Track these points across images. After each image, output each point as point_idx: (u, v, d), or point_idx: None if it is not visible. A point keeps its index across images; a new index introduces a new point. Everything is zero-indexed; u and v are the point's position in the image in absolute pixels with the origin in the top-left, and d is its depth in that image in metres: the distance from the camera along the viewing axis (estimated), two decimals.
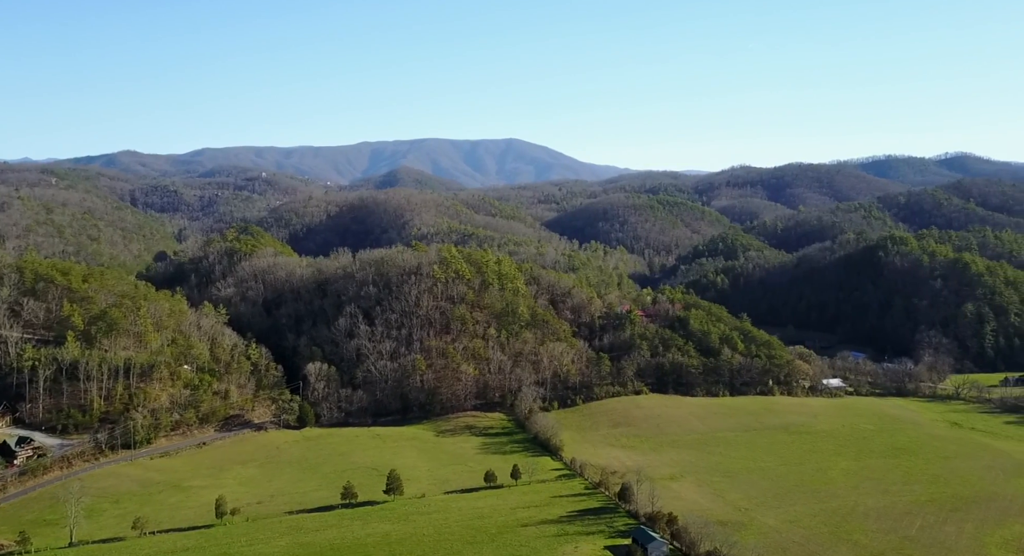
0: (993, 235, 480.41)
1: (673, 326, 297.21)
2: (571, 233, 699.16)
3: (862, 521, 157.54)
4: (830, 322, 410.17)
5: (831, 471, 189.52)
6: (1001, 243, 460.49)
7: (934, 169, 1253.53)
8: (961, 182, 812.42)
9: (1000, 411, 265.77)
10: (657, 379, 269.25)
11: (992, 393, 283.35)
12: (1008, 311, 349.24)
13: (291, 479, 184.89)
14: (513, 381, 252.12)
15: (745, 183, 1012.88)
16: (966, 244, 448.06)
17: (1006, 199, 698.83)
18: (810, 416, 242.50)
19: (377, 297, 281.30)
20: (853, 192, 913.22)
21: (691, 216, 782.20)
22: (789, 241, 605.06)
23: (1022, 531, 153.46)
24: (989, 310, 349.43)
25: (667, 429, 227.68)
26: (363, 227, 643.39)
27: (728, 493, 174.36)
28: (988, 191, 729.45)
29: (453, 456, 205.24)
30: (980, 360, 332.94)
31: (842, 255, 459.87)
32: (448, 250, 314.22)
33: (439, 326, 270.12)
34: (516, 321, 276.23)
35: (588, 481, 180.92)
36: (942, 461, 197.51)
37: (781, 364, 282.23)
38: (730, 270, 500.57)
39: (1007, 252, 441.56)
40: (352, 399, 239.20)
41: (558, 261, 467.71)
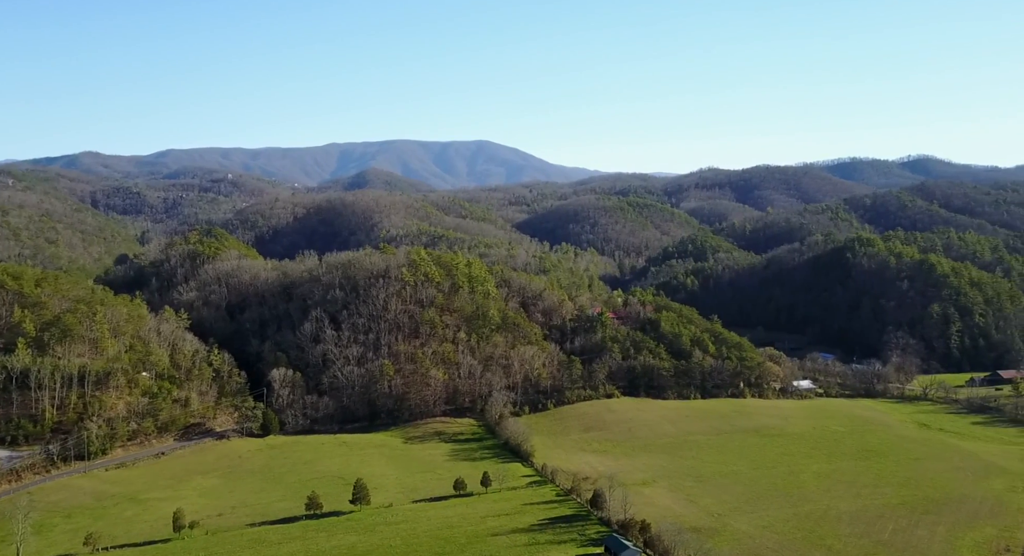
0: (957, 236, 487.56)
1: (644, 328, 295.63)
2: (542, 235, 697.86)
3: (835, 525, 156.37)
4: (799, 323, 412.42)
5: (803, 474, 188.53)
6: (965, 244, 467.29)
7: (897, 171, 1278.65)
8: (925, 184, 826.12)
9: (967, 412, 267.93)
10: (629, 382, 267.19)
11: (959, 393, 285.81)
12: (973, 312, 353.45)
13: (254, 489, 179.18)
14: (483, 386, 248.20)
15: (713, 185, 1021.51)
16: (931, 245, 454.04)
17: (968, 201, 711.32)
18: (781, 418, 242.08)
19: (344, 301, 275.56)
20: (820, 194, 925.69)
21: (661, 218, 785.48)
22: (758, 242, 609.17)
23: (993, 533, 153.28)
24: (955, 311, 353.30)
25: (639, 433, 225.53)
26: (331, 229, 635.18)
27: (701, 498, 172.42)
28: (951, 193, 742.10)
29: (422, 463, 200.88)
30: (946, 360, 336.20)
31: (810, 256, 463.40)
32: (417, 252, 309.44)
33: (408, 330, 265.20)
34: (487, 324, 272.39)
35: (560, 488, 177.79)
36: (912, 463, 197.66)
37: (752, 366, 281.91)
38: (700, 271, 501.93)
39: (971, 253, 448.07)
40: (318, 406, 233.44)
41: (529, 263, 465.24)
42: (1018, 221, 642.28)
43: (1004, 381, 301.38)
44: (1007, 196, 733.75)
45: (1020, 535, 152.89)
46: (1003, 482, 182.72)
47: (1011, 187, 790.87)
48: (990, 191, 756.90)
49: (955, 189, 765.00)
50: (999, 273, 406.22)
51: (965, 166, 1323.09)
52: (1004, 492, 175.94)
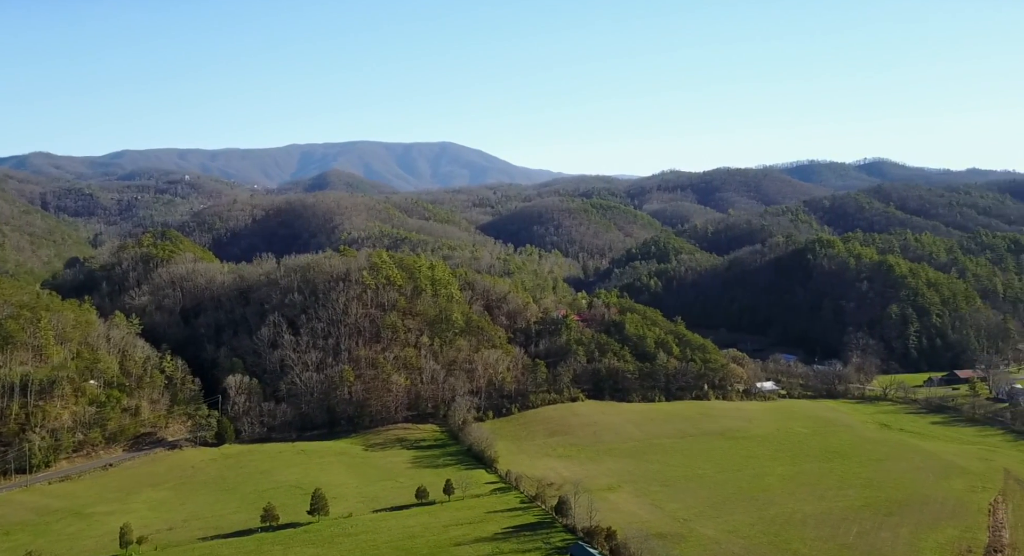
0: (914, 238, 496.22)
1: (609, 331, 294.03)
2: (506, 237, 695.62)
3: (800, 529, 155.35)
4: (761, 324, 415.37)
5: (768, 477, 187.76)
6: (921, 245, 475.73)
7: (854, 174, 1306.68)
8: (881, 186, 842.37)
9: (926, 411, 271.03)
10: (594, 385, 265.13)
11: (917, 393, 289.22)
12: (930, 312, 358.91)
13: (207, 501, 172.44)
14: (446, 391, 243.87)
15: (675, 187, 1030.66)
16: (889, 246, 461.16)
17: (923, 203, 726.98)
18: (745, 420, 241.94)
19: (303, 305, 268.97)
20: (780, 196, 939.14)
21: (624, 220, 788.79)
22: (719, 244, 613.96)
23: (955, 534, 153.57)
24: (912, 311, 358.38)
25: (604, 437, 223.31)
26: (291, 231, 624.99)
27: (666, 503, 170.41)
28: (907, 195, 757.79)
29: (383, 471, 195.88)
30: (905, 361, 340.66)
31: (772, 258, 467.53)
32: (379, 255, 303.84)
33: (369, 335, 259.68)
34: (450, 328, 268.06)
35: (524, 494, 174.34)
36: (874, 464, 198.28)
37: (716, 368, 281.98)
38: (663, 273, 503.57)
39: (927, 254, 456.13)
40: (275, 413, 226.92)
41: (493, 265, 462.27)
42: (970, 223, 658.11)
43: (961, 381, 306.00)
44: (960, 198, 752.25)
45: (981, 536, 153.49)
46: (963, 482, 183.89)
47: (963, 189, 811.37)
48: (944, 193, 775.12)
49: (910, 191, 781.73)
50: (954, 274, 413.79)
51: (918, 169, 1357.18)
52: (965, 492, 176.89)
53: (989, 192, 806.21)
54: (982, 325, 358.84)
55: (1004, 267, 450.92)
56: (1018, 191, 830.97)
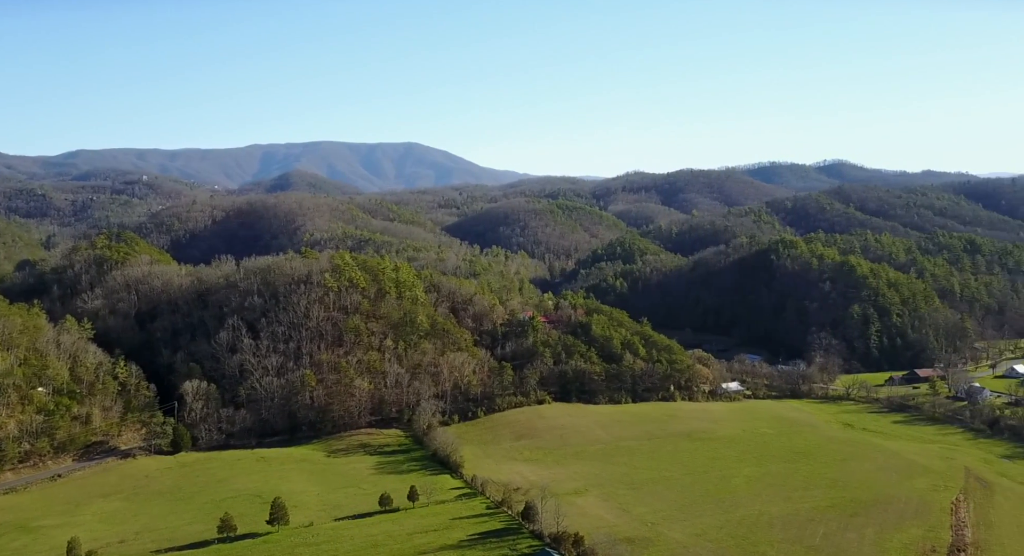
0: (874, 238, 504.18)
1: (576, 332, 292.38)
2: (472, 238, 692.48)
3: (767, 531, 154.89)
4: (726, 325, 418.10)
5: (734, 479, 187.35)
6: (881, 246, 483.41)
7: (814, 175, 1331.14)
8: (842, 188, 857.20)
9: (888, 410, 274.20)
10: (560, 387, 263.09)
11: (879, 392, 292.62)
12: (891, 312, 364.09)
13: (161, 512, 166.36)
14: (411, 395, 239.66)
15: (640, 188, 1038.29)
16: (850, 247, 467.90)
17: (882, 204, 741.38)
18: (712, 422, 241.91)
19: (263, 308, 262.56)
20: (742, 197, 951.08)
21: (590, 220, 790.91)
22: (684, 245, 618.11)
23: (919, 534, 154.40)
24: (874, 311, 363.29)
25: (571, 440, 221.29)
26: (252, 233, 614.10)
27: (634, 507, 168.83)
28: (866, 196, 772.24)
29: (345, 478, 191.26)
30: (866, 360, 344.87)
31: (736, 258, 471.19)
32: (341, 257, 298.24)
33: (331, 338, 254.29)
34: (415, 331, 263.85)
35: (490, 500, 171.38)
36: (839, 464, 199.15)
37: (682, 369, 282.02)
38: (629, 274, 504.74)
39: (887, 254, 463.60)
40: (234, 419, 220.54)
41: (459, 267, 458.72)
42: (927, 223, 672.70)
43: (921, 380, 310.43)
44: (917, 199, 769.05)
45: (945, 535, 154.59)
46: (926, 481, 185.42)
47: (920, 191, 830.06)
48: (901, 194, 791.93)
49: (870, 193, 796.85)
50: (913, 274, 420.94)
51: (876, 170, 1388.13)
52: (927, 491, 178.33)
53: (944, 193, 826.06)
54: (940, 324, 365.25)
55: (960, 267, 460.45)
56: (972, 193, 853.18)
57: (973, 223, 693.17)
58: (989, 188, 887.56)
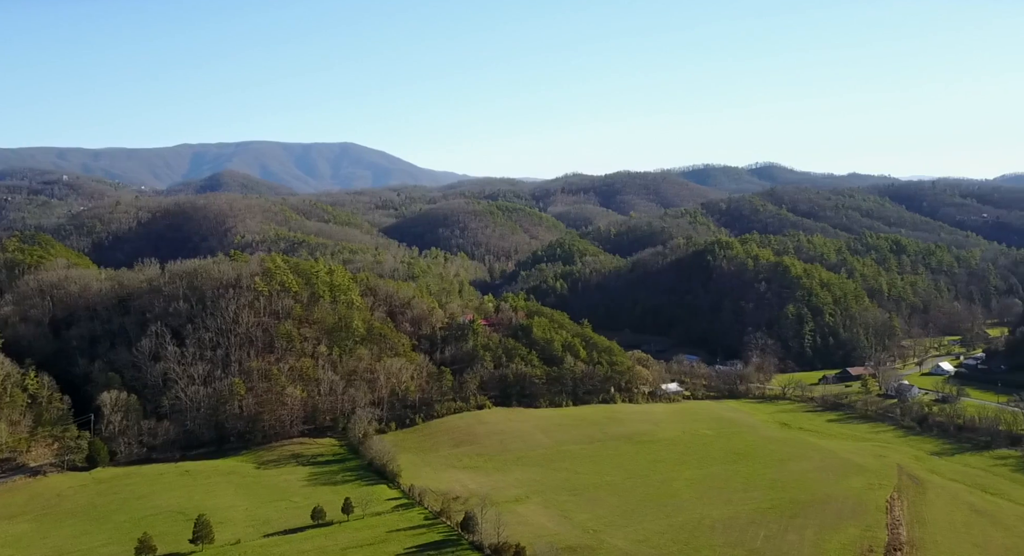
0: (806, 239, 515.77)
1: (516, 335, 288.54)
2: (411, 240, 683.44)
3: (709, 535, 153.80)
4: (664, 325, 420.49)
5: (676, 482, 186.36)
6: (813, 247, 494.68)
7: (747, 177, 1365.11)
8: (774, 190, 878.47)
9: (822, 409, 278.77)
10: (501, 392, 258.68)
11: (814, 391, 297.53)
12: (823, 312, 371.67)
13: (73, 533, 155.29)
14: (346, 402, 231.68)
15: (579, 190, 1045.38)
16: (784, 248, 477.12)
17: (812, 206, 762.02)
18: (652, 424, 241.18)
19: (189, 314, 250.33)
20: (678, 199, 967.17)
21: (530, 222, 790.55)
22: (622, 246, 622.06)
23: (857, 534, 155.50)
24: (807, 311, 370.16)
25: (512, 445, 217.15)
26: (180, 235, 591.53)
27: (576, 514, 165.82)
28: (797, 198, 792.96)
29: (276, 491, 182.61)
30: (800, 359, 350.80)
31: (673, 259, 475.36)
32: (272, 260, 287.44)
33: (261, 345, 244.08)
34: (350, 336, 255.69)
35: (428, 510, 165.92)
36: (778, 464, 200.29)
37: (622, 371, 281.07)
38: (569, 275, 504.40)
39: (819, 255, 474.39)
40: (156, 431, 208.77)
41: (397, 269, 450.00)
42: (855, 225, 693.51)
43: (853, 378, 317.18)
44: (845, 201, 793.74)
45: (881, 534, 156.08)
46: (861, 480, 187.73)
47: (847, 193, 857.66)
48: (831, 196, 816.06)
49: (801, 194, 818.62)
50: (844, 274, 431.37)
51: (805, 173, 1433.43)
52: (863, 490, 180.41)
53: (870, 195, 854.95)
54: (870, 323, 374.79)
55: (887, 267, 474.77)
56: (895, 195, 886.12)
57: (897, 224, 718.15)
58: (911, 190, 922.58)
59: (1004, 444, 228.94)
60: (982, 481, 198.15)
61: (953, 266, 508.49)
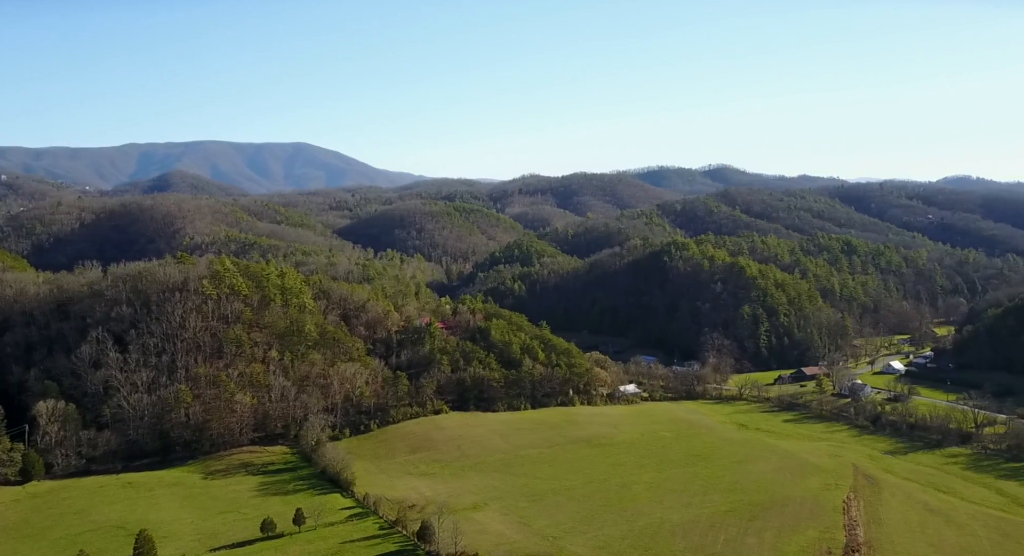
0: (760, 240, 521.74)
1: (474, 338, 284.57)
2: (366, 241, 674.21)
3: (669, 540, 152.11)
4: (622, 326, 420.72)
5: (635, 486, 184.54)
6: (767, 247, 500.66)
7: (700, 179, 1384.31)
8: (728, 191, 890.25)
9: (778, 409, 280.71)
10: (458, 396, 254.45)
11: (770, 392, 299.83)
12: (778, 312, 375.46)
13: (4, 552, 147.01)
14: (298, 409, 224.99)
15: (536, 191, 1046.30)
16: (739, 249, 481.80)
17: (765, 207, 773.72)
18: (611, 426, 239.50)
19: (133, 318, 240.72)
20: (633, 200, 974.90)
21: (487, 223, 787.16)
22: (580, 247, 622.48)
23: (815, 536, 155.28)
24: (763, 311, 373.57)
25: (469, 451, 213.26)
26: (126, 237, 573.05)
27: (535, 520, 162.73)
28: (751, 199, 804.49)
29: (224, 502, 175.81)
30: (756, 359, 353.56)
31: (630, 260, 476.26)
32: (221, 262, 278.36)
33: (210, 350, 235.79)
34: (302, 341, 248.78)
35: (384, 520, 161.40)
36: (736, 466, 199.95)
37: (581, 373, 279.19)
38: (527, 276, 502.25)
39: (773, 255, 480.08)
40: (96, 442, 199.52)
41: (351, 271, 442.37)
42: (807, 226, 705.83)
43: (808, 378, 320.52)
44: (797, 202, 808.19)
45: (839, 535, 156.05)
46: (818, 481, 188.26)
47: (799, 194, 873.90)
48: (783, 198, 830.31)
49: (754, 196, 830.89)
50: (797, 274, 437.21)
51: (757, 175, 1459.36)
52: (820, 491, 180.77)
53: (821, 197, 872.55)
54: (823, 323, 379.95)
55: (839, 267, 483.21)
56: (844, 196, 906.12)
57: (847, 225, 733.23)
58: (860, 192, 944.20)
59: (955, 442, 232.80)
60: (935, 479, 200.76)
61: (901, 266, 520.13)
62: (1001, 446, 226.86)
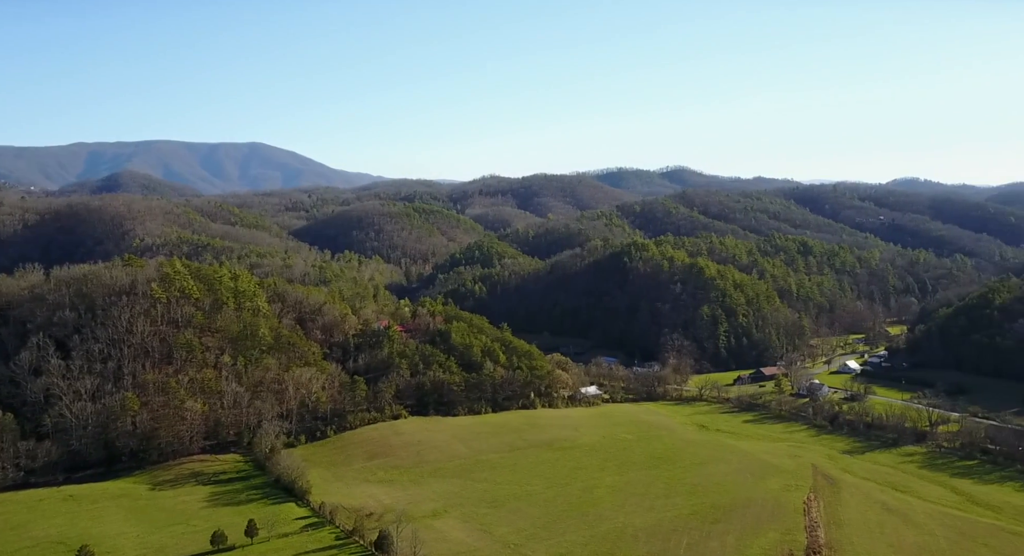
0: (718, 241, 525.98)
1: (434, 341, 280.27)
2: (323, 243, 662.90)
3: (632, 545, 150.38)
4: (583, 327, 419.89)
5: (598, 490, 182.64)
6: (725, 248, 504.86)
7: (658, 181, 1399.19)
8: (686, 193, 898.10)
9: (738, 410, 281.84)
10: (417, 400, 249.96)
11: (729, 392, 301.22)
12: (737, 312, 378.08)
13: None
14: (252, 415, 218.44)
15: (496, 192, 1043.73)
16: (697, 249, 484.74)
17: (723, 208, 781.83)
18: (572, 429, 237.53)
19: (76, 323, 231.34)
20: (593, 201, 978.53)
21: (447, 224, 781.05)
22: (541, 248, 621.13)
23: (777, 538, 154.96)
24: (722, 312, 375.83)
25: (429, 456, 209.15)
26: (73, 239, 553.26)
27: (496, 527, 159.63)
28: (708, 201, 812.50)
29: (173, 514, 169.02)
30: (716, 360, 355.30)
31: (591, 261, 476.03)
32: (171, 265, 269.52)
33: (158, 356, 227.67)
34: (256, 345, 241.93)
35: (340, 529, 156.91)
36: (698, 468, 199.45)
37: (542, 375, 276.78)
38: (488, 278, 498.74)
39: (731, 256, 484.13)
40: (36, 453, 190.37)
41: (308, 273, 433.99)
42: (763, 227, 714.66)
43: (766, 378, 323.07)
44: (753, 204, 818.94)
45: (800, 537, 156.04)
46: (779, 481, 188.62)
47: (755, 196, 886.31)
48: (740, 199, 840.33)
49: (711, 197, 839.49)
50: (755, 275, 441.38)
51: (713, 176, 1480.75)
52: (781, 492, 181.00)
53: (777, 198, 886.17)
54: (781, 323, 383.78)
55: (796, 268, 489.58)
56: (799, 197, 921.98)
57: (803, 226, 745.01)
58: (814, 193, 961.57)
59: (910, 441, 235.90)
60: (891, 479, 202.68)
61: (855, 266, 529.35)
62: (955, 444, 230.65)
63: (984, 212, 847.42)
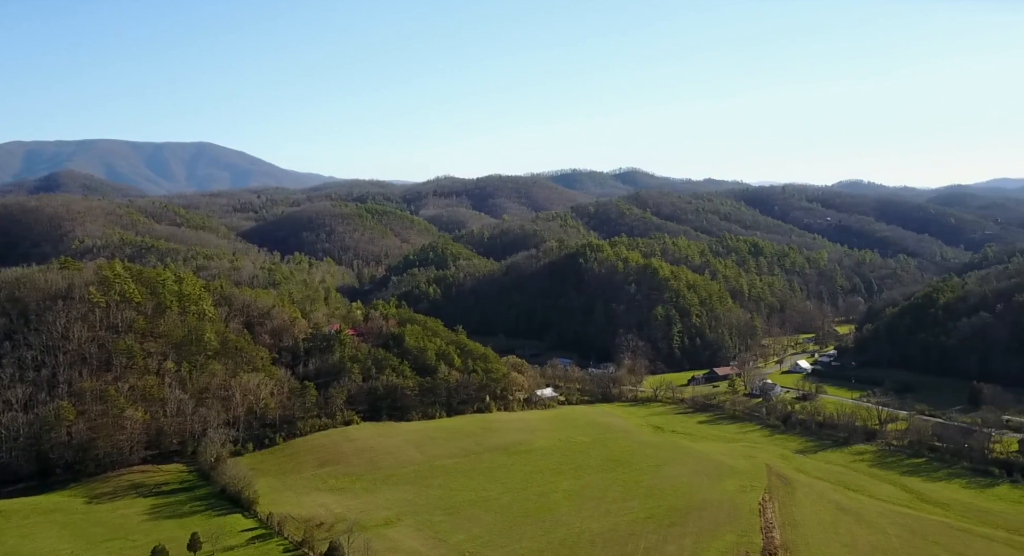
0: (671, 242, 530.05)
1: (387, 344, 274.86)
2: (272, 244, 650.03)
3: (589, 550, 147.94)
4: (538, 329, 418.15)
5: (554, 494, 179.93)
6: (679, 249, 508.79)
7: (612, 182, 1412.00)
8: (639, 194, 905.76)
9: (692, 411, 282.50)
10: (370, 405, 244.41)
11: (684, 393, 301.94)
12: (691, 313, 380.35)
13: None
14: (197, 423, 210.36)
15: (451, 193, 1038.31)
16: (651, 250, 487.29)
17: (675, 209, 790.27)
18: (528, 432, 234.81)
19: (7, 329, 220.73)
20: (548, 202, 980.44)
21: (400, 225, 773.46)
22: (496, 249, 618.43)
23: (733, 540, 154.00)
24: (675, 312, 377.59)
25: (382, 463, 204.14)
26: (7, 241, 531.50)
27: (451, 535, 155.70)
28: (661, 202, 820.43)
29: (110, 529, 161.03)
30: (670, 360, 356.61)
31: (546, 262, 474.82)
32: (111, 267, 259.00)
33: (96, 363, 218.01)
34: (201, 351, 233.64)
35: (289, 541, 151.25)
36: (654, 470, 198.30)
37: (498, 378, 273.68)
38: (442, 280, 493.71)
39: (684, 257, 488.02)
40: None
41: (256, 276, 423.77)
42: (715, 228, 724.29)
43: (720, 378, 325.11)
44: (705, 205, 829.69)
45: (756, 539, 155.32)
46: (734, 483, 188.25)
47: (706, 197, 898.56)
48: (691, 200, 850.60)
49: (664, 198, 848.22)
50: (707, 275, 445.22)
51: (665, 178, 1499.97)
52: (736, 493, 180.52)
53: (727, 199, 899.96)
54: (734, 323, 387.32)
55: (747, 268, 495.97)
56: (749, 199, 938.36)
57: (753, 227, 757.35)
58: (763, 195, 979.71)
59: (861, 439, 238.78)
60: (844, 478, 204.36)
61: (804, 267, 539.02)
62: (903, 442, 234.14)
63: (926, 213, 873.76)
